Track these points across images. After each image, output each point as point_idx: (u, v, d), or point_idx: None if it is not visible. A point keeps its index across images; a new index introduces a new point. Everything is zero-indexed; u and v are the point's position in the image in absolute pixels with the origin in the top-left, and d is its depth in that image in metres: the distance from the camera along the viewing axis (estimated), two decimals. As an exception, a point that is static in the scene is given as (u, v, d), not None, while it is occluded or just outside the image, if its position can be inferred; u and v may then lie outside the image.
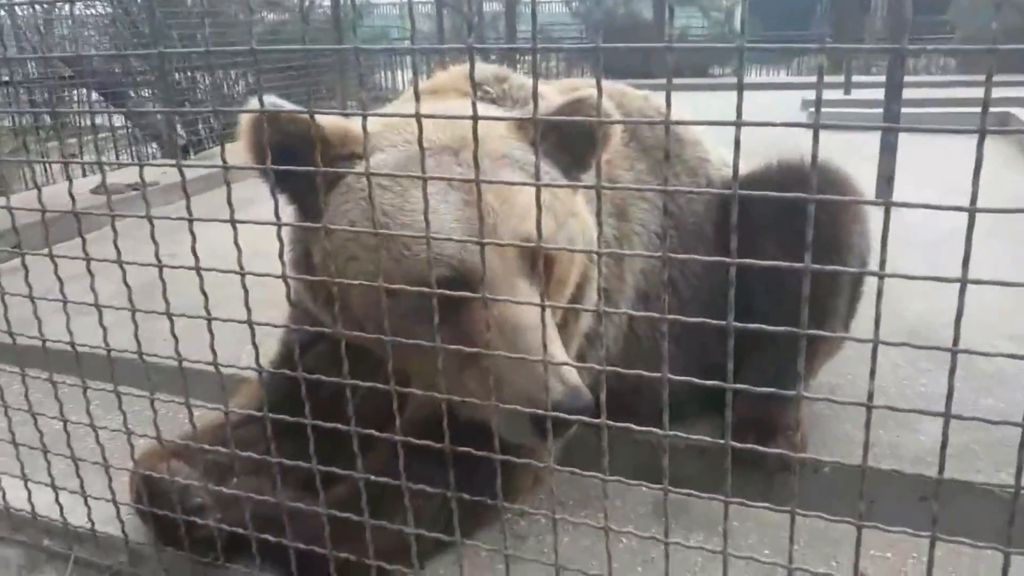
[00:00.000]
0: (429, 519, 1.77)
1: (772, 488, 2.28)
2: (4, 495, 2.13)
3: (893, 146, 4.83)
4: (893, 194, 4.80)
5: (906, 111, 5.49)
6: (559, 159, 1.77)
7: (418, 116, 1.24)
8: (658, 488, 1.26)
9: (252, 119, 1.50)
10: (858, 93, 10.93)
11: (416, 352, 1.42)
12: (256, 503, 1.70)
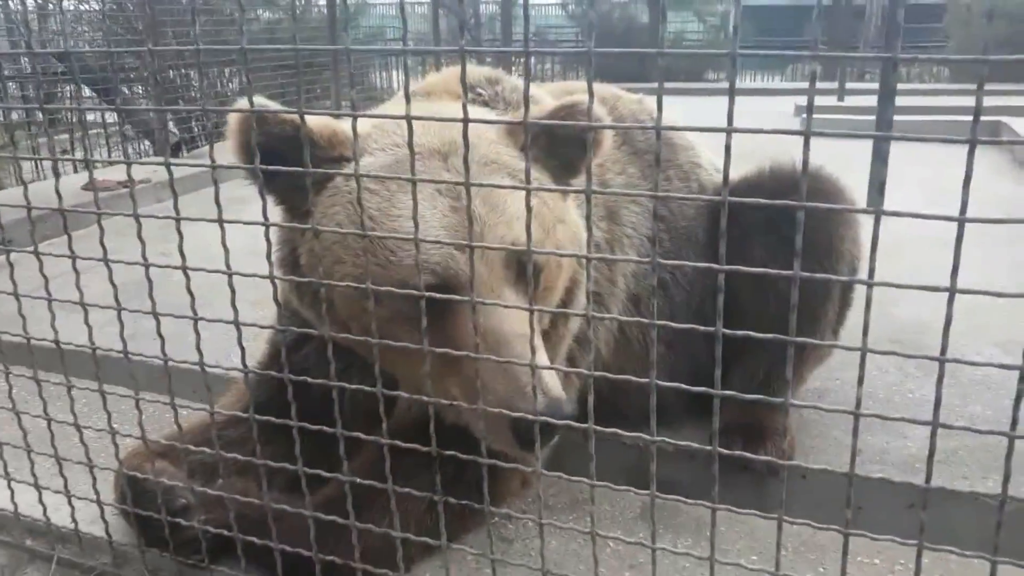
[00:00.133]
0: (416, 522, 1.76)
1: (762, 492, 2.28)
2: (-13, 494, 2.11)
3: (885, 153, 4.85)
4: (885, 200, 4.82)
5: (899, 118, 5.50)
6: (550, 165, 1.77)
7: (408, 118, 1.23)
8: (645, 493, 1.26)
9: (240, 120, 1.49)
10: (852, 99, 11.02)
11: (401, 356, 1.41)
12: (241, 504, 1.69)
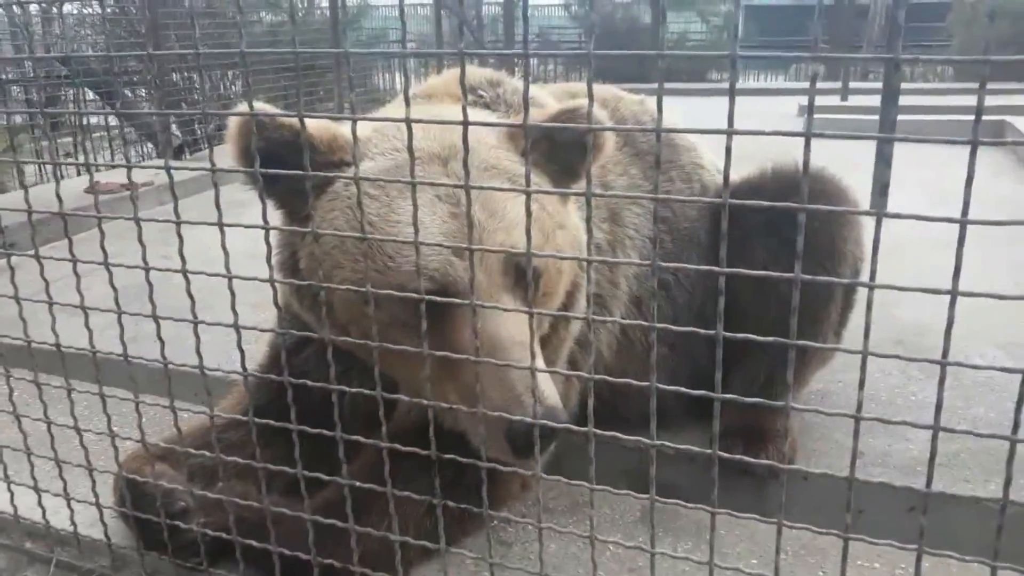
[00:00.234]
0: (415, 525, 1.76)
1: (762, 495, 2.27)
2: (-13, 497, 2.11)
3: (888, 154, 4.83)
4: (888, 201, 4.81)
5: (903, 118, 5.49)
6: (550, 170, 1.76)
7: (408, 121, 1.23)
8: (645, 497, 1.25)
9: (239, 124, 1.49)
10: (855, 99, 10.98)
11: (400, 360, 1.40)
12: (240, 507, 1.69)
